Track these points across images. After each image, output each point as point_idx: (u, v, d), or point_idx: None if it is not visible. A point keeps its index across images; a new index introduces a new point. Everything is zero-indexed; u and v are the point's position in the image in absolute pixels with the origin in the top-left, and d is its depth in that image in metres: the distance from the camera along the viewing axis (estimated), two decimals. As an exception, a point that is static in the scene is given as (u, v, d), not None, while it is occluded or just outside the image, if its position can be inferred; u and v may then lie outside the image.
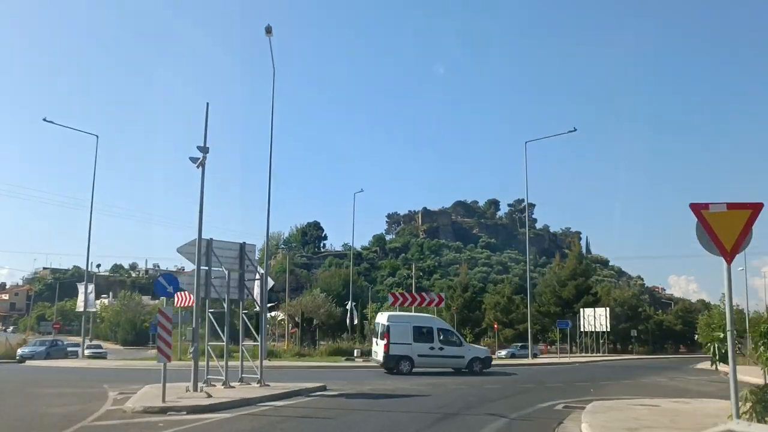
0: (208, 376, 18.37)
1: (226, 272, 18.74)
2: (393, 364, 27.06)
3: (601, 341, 75.24)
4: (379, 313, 30.86)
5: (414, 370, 26.99)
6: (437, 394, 18.24)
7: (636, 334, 77.87)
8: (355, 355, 32.97)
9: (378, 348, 27.99)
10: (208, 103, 16.88)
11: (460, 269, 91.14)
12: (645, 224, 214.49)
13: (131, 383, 19.05)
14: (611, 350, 76.28)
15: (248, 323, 19.56)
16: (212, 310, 19.04)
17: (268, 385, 18.53)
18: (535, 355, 50.13)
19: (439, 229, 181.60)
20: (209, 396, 14.98)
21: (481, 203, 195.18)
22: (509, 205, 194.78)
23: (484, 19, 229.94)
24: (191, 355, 16.64)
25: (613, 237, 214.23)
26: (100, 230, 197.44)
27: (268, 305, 34.05)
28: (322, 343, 39.42)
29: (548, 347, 78.64)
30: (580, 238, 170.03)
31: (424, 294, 34.84)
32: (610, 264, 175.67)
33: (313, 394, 17.75)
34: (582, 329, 72.27)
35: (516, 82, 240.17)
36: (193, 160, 16.83)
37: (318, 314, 40.98)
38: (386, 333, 27.22)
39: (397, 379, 23.01)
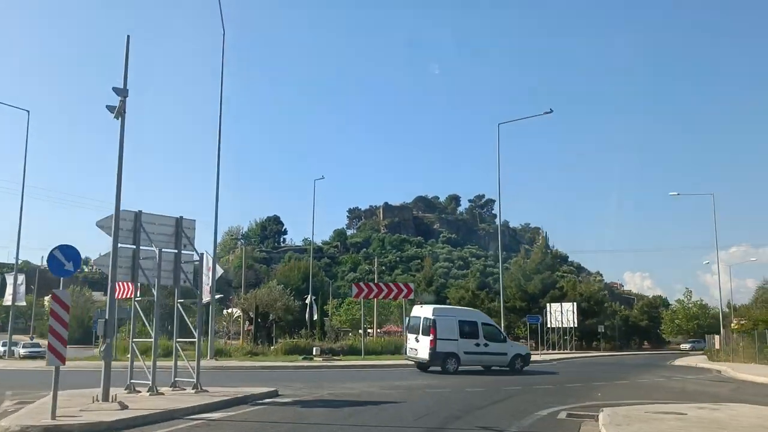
0: (132, 380, 14.92)
1: (157, 251, 15.25)
2: (440, 362, 24.77)
3: (567, 337, 72.97)
4: (417, 306, 28.41)
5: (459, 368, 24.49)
6: (412, 400, 14.99)
7: (603, 330, 75.75)
8: (314, 353, 29.41)
9: (419, 344, 25.27)
10: (129, 36, 13.37)
11: (424, 263, 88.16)
12: (603, 220, 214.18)
13: (49, 389, 15.39)
14: (578, 347, 73.91)
15: (184, 315, 16.04)
16: (139, 299, 15.69)
17: (206, 391, 15.10)
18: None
19: (400, 224, 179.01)
20: (123, 407, 11.47)
21: (442, 199, 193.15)
22: (470, 200, 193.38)
23: (447, 9, 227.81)
24: (102, 355, 13.14)
25: (573, 233, 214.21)
26: (52, 220, 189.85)
27: (217, 296, 30.50)
28: (280, 340, 35.68)
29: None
30: (539, 234, 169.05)
31: (390, 284, 31.52)
32: (570, 260, 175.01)
33: (260, 402, 14.33)
34: (549, 325, 69.91)
35: (478, 75, 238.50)
36: (111, 108, 13.29)
37: (275, 308, 37.34)
38: (432, 327, 24.78)
39: (362, 382, 19.69)
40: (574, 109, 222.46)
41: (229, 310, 74.47)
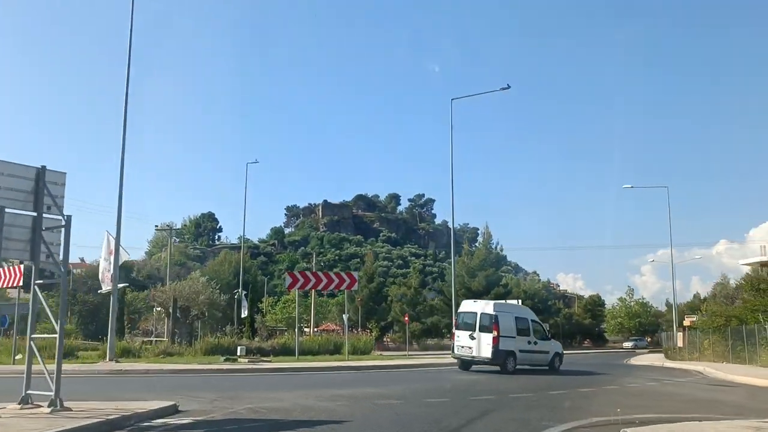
0: (30, 391, 10.31)
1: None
2: (501, 361, 23.15)
3: (511, 335, 69.90)
4: (468, 302, 26.66)
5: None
6: (358, 416, 10.66)
7: (548, 328, 72.89)
8: (239, 353, 24.56)
9: (475, 342, 23.28)
10: None
11: (365, 257, 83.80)
12: (542, 219, 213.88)
13: None
14: (521, 345, 71.07)
15: (44, 303, 11.32)
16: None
17: (69, 409, 10.37)
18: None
19: (340, 222, 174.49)
20: None
21: (382, 197, 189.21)
22: (410, 200, 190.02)
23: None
24: None
25: (511, 233, 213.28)
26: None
27: (120, 285, 25.44)
28: (208, 338, 30.47)
29: (457, 343, 72.62)
30: (479, 233, 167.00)
31: (330, 273, 26.98)
32: (509, 259, 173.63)
33: (147, 424, 9.76)
34: (492, 323, 66.57)
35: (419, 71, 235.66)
36: None
37: (197, 302, 32.36)
38: (495, 324, 23.13)
39: (294, 390, 15.20)
40: (521, 103, 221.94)
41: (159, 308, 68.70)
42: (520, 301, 54.36)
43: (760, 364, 27.85)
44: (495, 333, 22.86)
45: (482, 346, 23.02)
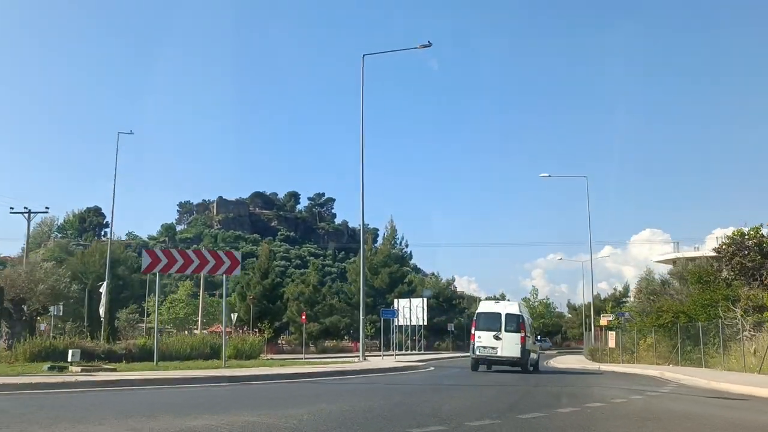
0: None
1: None
2: (526, 360, 23.32)
3: (415, 337, 64.72)
4: (488, 302, 27.50)
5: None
6: None
7: (453, 329, 68.29)
8: (70, 358, 17.24)
9: (501, 342, 23.18)
10: None
11: (260, 251, 76.69)
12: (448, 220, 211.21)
13: None
14: (425, 347, 65.85)
15: None
16: None
17: None
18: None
19: (236, 220, 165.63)
20: None
21: (281, 195, 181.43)
22: (309, 198, 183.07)
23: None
24: None
25: (412, 233, 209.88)
26: None
27: None
28: (37, 339, 22.54)
29: (357, 344, 66.67)
30: (378, 234, 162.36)
31: (204, 252, 20.09)
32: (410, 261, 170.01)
33: None
34: (397, 323, 61.27)
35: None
36: None
37: (34, 293, 24.68)
38: (522, 323, 23.50)
39: (113, 424, 8.57)
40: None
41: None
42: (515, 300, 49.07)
43: (724, 368, 23.29)
44: (523, 333, 23.08)
45: (510, 346, 22.95)
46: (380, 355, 42.96)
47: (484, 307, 25.76)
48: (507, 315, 23.59)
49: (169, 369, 17.91)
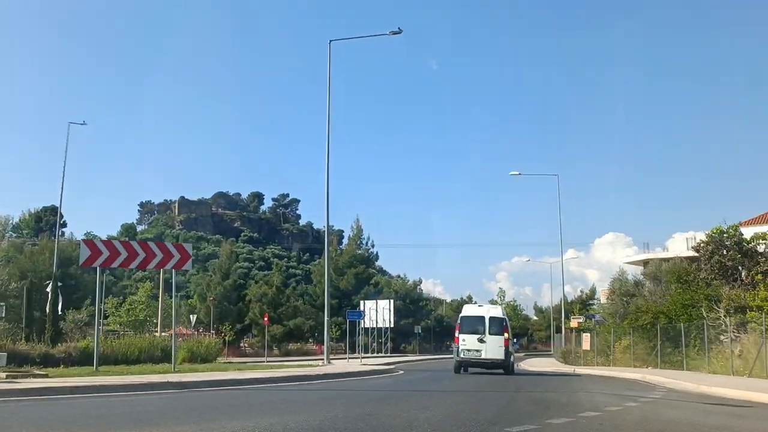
0: None
1: None
2: (509, 362, 24.01)
3: (381, 339, 63.15)
4: (471, 306, 28.07)
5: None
6: None
7: (420, 331, 66.81)
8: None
9: (485, 345, 23.51)
10: None
11: (221, 251, 74.36)
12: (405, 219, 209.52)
13: None
14: (392, 350, 64.22)
15: None
16: None
17: None
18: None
19: (197, 220, 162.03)
20: None
21: (245, 195, 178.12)
22: (273, 199, 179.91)
23: None
24: None
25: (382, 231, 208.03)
26: None
27: None
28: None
29: (322, 347, 64.72)
30: (342, 236, 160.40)
31: (151, 245, 18.05)
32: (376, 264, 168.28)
33: None
34: (363, 325, 59.62)
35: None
36: None
37: (-34, 292, 22.39)
38: (506, 326, 24.14)
39: None
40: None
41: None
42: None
43: (708, 371, 22.08)
44: (506, 335, 23.57)
45: (494, 348, 23.25)
46: (346, 358, 41.30)
47: (468, 310, 25.91)
48: (491, 318, 23.97)
49: (109, 374, 15.96)
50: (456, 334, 24.56)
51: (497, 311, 25.07)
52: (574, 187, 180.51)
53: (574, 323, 47.81)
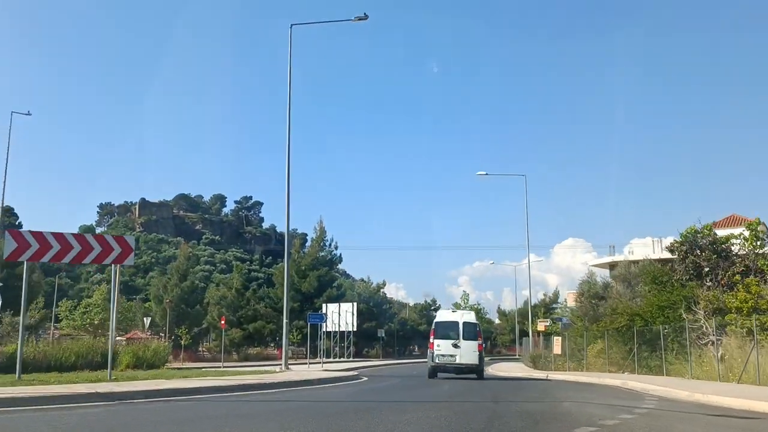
0: None
1: None
2: (482, 367, 24.21)
3: (344, 343, 61.14)
4: (445, 311, 27.34)
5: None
6: None
7: (383, 335, 64.90)
8: None
9: (459, 350, 23.48)
10: None
11: (179, 251, 71.72)
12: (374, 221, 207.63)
13: None
14: (354, 354, 62.27)
15: None
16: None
17: None
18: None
19: (158, 222, 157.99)
20: None
21: (207, 198, 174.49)
22: (236, 201, 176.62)
23: None
24: None
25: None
26: None
27: None
28: None
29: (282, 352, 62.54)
30: (307, 239, 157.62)
31: (88, 238, 15.93)
32: (337, 267, 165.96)
33: None
34: (325, 329, 57.62)
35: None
36: None
37: None
38: (479, 331, 24.47)
39: None
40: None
41: None
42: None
43: (692, 376, 20.71)
44: (480, 340, 23.84)
45: (468, 353, 23.29)
46: (306, 363, 39.33)
47: (442, 316, 25.67)
48: (464, 323, 23.96)
49: (32, 383, 13.87)
50: (431, 340, 24.29)
51: (471, 317, 25.01)
52: (538, 191, 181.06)
53: (541, 326, 46.53)
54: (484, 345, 26.39)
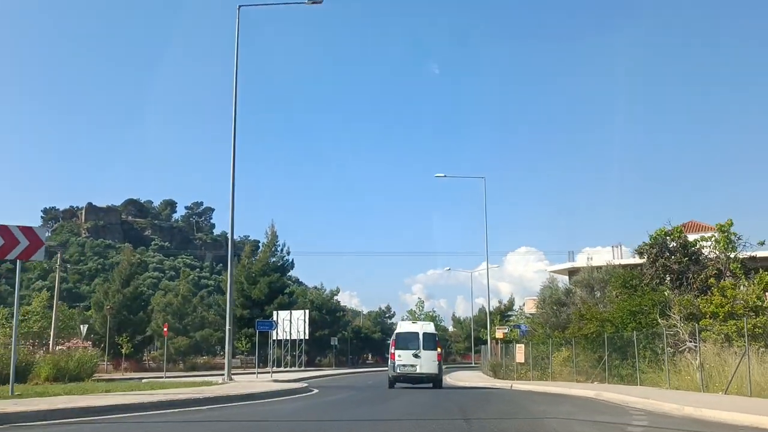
0: None
1: None
2: (441, 377, 24.91)
3: (296, 352, 58.66)
4: (405, 322, 28.70)
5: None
6: None
7: (336, 343, 62.58)
8: None
9: (420, 360, 23.66)
10: None
11: (122, 255, 68.27)
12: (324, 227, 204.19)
13: None
14: (306, 363, 59.78)
15: None
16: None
17: None
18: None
19: (106, 228, 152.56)
20: None
21: (156, 203, 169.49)
22: (186, 207, 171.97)
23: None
24: None
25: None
26: None
27: None
28: None
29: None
30: (259, 246, 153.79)
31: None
32: (289, 274, 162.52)
33: None
34: (275, 337, 55.09)
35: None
36: None
37: None
38: (438, 342, 24.98)
39: None
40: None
41: None
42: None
43: (670, 386, 19.06)
44: (439, 350, 24.36)
45: (428, 363, 23.63)
46: (254, 374, 36.87)
47: (403, 327, 26.08)
48: (424, 334, 24.26)
49: None
50: (391, 350, 24.45)
51: (430, 327, 25.46)
52: (496, 197, 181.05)
53: (499, 334, 44.91)
54: (442, 354, 26.75)
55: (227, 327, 23.21)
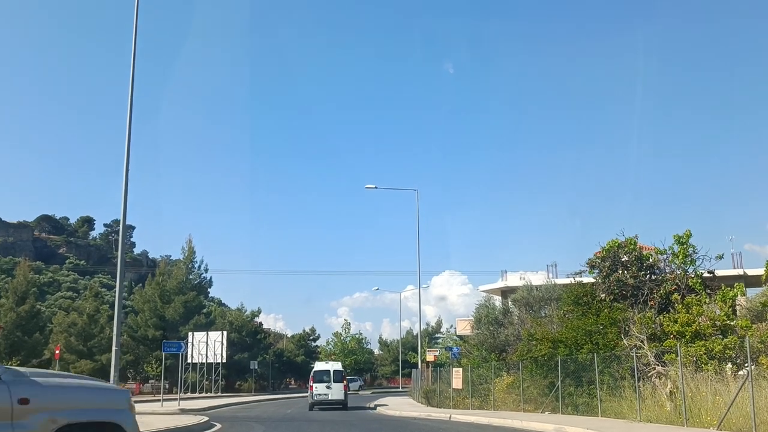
0: None
1: None
2: (346, 401, 30.84)
3: (213, 376, 53.73)
4: (320, 363, 35.96)
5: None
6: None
7: (257, 367, 57.81)
8: None
9: (332, 390, 30.03)
10: None
11: (17, 269, 61.88)
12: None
13: None
14: (224, 388, 54.75)
15: None
16: None
17: None
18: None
19: (15, 245, 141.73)
20: None
21: (73, 220, 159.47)
22: (105, 225, 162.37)
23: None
24: None
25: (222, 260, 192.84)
26: None
27: None
28: None
29: (141, 386, 54.06)
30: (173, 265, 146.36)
31: None
32: (211, 295, 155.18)
33: None
34: (190, 360, 50.17)
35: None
36: None
37: None
38: (344, 376, 31.69)
39: None
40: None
41: None
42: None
43: (642, 418, 15.89)
44: (345, 382, 30.94)
45: (337, 392, 30.19)
46: (160, 401, 32.13)
47: (318, 366, 32.95)
48: (334, 371, 30.83)
49: None
50: (310, 384, 30.75)
51: (338, 366, 32.23)
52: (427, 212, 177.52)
53: (430, 356, 41.54)
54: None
55: (114, 348, 18.84)
